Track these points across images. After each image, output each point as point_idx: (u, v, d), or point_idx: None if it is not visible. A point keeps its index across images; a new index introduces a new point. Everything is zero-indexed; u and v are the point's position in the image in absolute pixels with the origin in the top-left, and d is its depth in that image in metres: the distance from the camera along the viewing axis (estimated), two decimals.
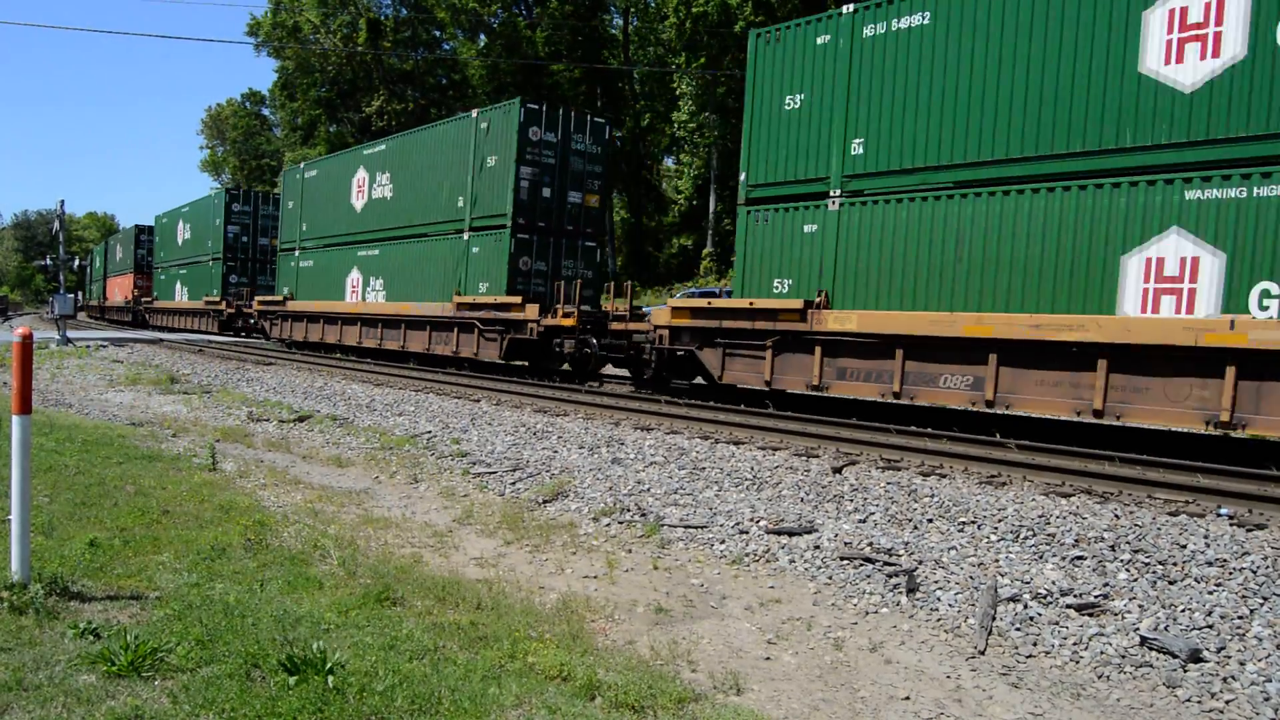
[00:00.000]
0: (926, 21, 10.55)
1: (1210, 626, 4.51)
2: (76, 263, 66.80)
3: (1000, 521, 6.27)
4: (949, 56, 10.34)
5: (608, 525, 6.61)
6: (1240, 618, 4.58)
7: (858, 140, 11.18)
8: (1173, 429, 9.79)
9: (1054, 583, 5.09)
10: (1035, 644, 4.46)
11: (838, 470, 8.04)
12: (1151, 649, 4.31)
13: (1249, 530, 6.11)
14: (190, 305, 34.90)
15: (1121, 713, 3.83)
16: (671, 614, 4.80)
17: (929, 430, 10.22)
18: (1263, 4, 8.18)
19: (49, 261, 45.49)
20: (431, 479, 8.21)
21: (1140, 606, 4.76)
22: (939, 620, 4.80)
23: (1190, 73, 8.66)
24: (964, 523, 6.30)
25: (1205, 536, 5.87)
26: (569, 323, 15.61)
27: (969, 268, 10.11)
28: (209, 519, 5.97)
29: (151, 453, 8.49)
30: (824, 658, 4.29)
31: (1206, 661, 4.20)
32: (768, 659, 4.25)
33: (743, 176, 12.57)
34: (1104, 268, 9.13)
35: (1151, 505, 6.87)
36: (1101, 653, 4.32)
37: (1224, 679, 4.05)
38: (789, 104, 11.95)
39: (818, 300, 11.42)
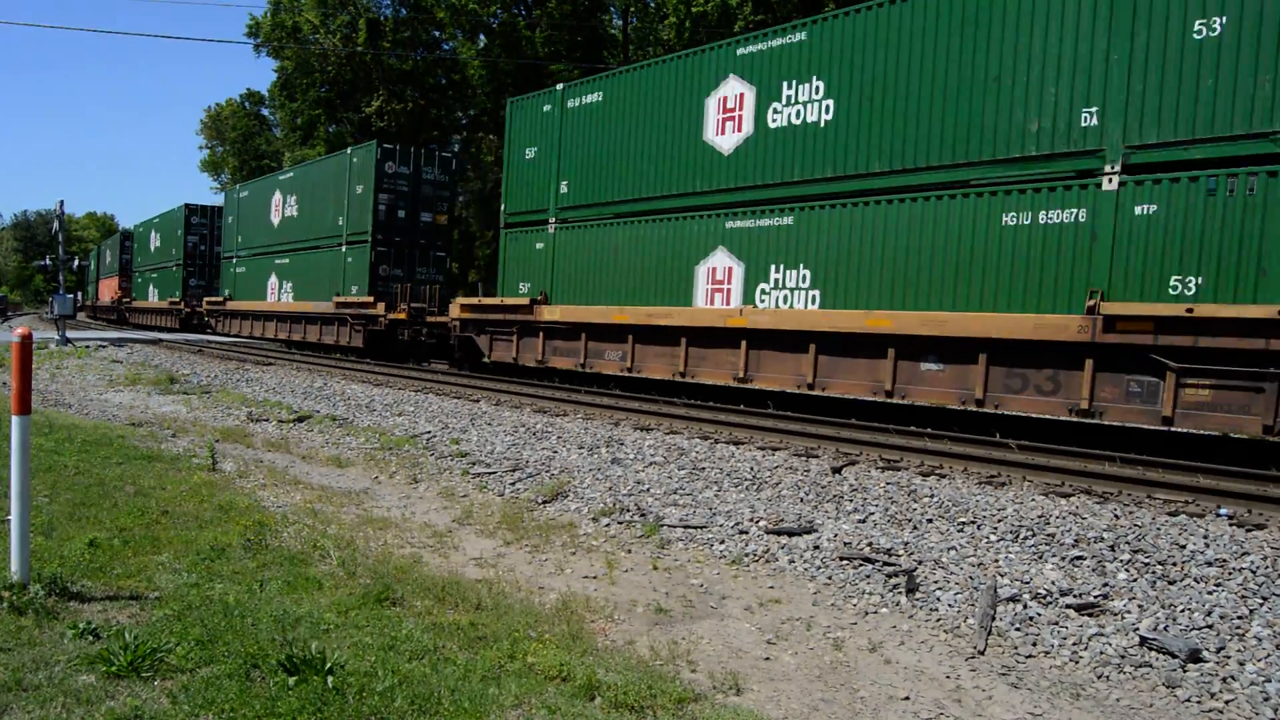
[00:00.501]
0: (600, 99, 14.86)
1: (1210, 626, 4.51)
2: (76, 263, 67.05)
3: (1000, 521, 6.27)
4: (612, 125, 14.63)
5: (607, 525, 6.61)
6: (1240, 618, 4.58)
7: (565, 182, 15.50)
8: (718, 384, 13.65)
9: (1054, 583, 5.09)
10: (1035, 644, 4.46)
11: (837, 470, 8.04)
12: (1151, 649, 4.31)
13: (1249, 530, 6.11)
14: (159, 305, 39.62)
15: (1121, 713, 3.83)
16: (671, 614, 4.80)
17: (929, 430, 10.23)
18: (761, 97, 12.31)
19: (48, 262, 46.63)
20: (431, 479, 8.21)
21: (1140, 606, 4.76)
22: (939, 620, 4.80)
23: (729, 141, 12.74)
24: (964, 523, 6.30)
25: (1205, 536, 5.87)
26: (402, 316, 20.62)
27: (621, 275, 14.37)
28: (208, 519, 5.97)
29: (151, 453, 8.49)
30: (823, 658, 4.29)
31: (1206, 661, 4.20)
32: (767, 659, 4.25)
33: (504, 207, 17.04)
34: (687, 274, 13.31)
35: (1151, 505, 6.87)
36: (1101, 653, 4.32)
37: (1223, 679, 4.05)
38: (528, 155, 16.41)
39: (540, 299, 15.74)
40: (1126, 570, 5.27)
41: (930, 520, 6.40)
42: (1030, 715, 3.75)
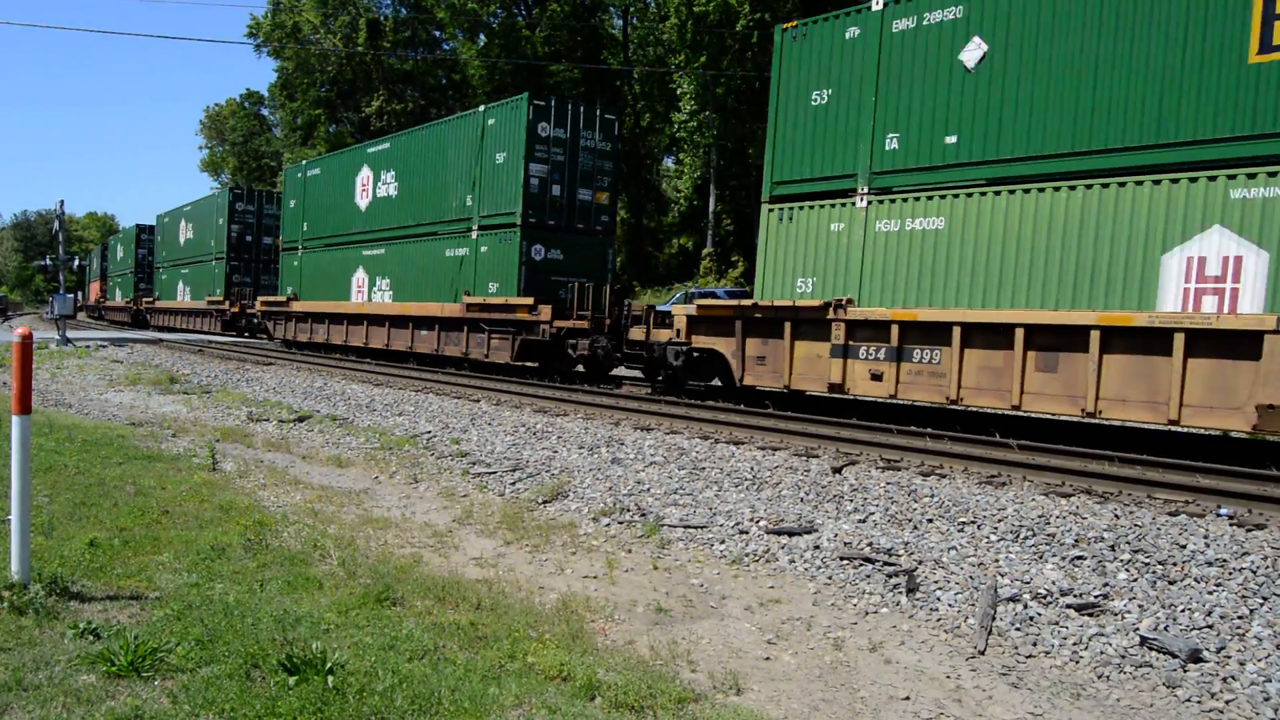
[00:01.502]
0: (319, 172, 24.67)
1: (1210, 626, 4.51)
2: (76, 263, 67.53)
3: (1000, 521, 6.27)
4: (323, 189, 24.21)
5: (607, 525, 6.61)
6: (1240, 618, 4.58)
7: (306, 223, 25.06)
8: (356, 345, 22.31)
9: (1054, 583, 5.09)
10: (1035, 644, 4.46)
11: (837, 470, 8.04)
12: (1151, 649, 4.31)
13: (1249, 530, 6.11)
14: (119, 304, 49.87)
15: (1121, 713, 3.83)
16: (671, 614, 4.80)
17: (929, 430, 10.23)
18: (375, 178, 21.29)
19: (49, 261, 48.43)
20: (431, 479, 8.20)
21: (1140, 606, 4.76)
22: (939, 620, 4.80)
23: (364, 203, 21.92)
24: (964, 523, 6.30)
25: (1205, 536, 5.87)
26: (237, 310, 32.18)
27: (325, 280, 23.70)
28: (209, 519, 5.97)
29: (151, 453, 8.49)
30: (824, 658, 4.29)
31: (1206, 661, 4.20)
32: (767, 659, 4.25)
33: (281, 237, 27.17)
34: (348, 281, 22.38)
35: (1151, 505, 6.87)
36: (1101, 653, 4.32)
37: (1224, 679, 4.05)
38: (291, 205, 26.13)
39: (293, 296, 25.44)
40: (1127, 570, 5.27)
41: (930, 520, 6.40)
42: (1030, 715, 3.75)
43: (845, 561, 5.60)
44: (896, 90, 10.79)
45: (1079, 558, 5.46)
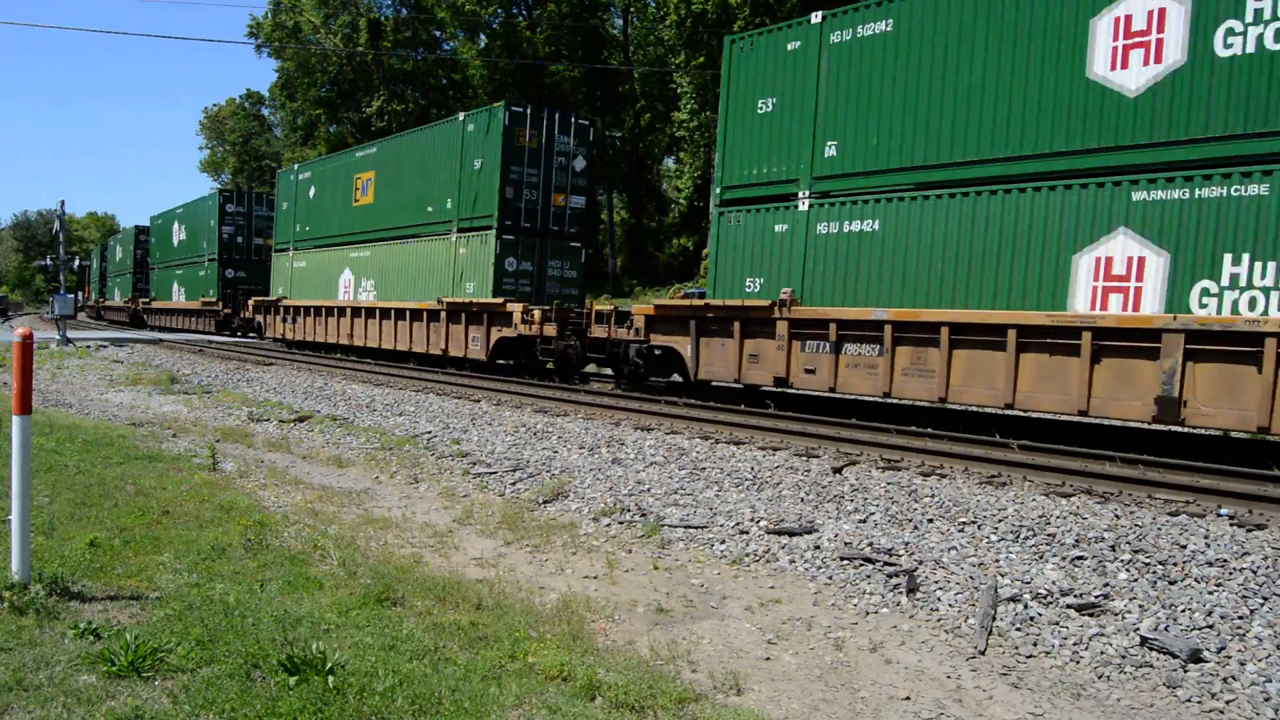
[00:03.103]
0: (161, 225, 42.29)
1: (1210, 626, 4.51)
2: (76, 263, 67.74)
3: (1000, 521, 6.27)
4: (161, 242, 42.04)
5: (608, 525, 6.61)
6: (1240, 618, 4.58)
7: (158, 250, 42.75)
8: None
9: (1054, 583, 5.09)
10: (1035, 644, 4.46)
11: (838, 470, 8.04)
12: (1152, 649, 4.31)
13: (1249, 530, 6.11)
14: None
15: (1122, 713, 3.83)
16: (672, 614, 4.80)
17: (929, 430, 10.24)
18: (172, 229, 40.00)
19: (49, 262, 48.56)
20: (431, 479, 8.21)
21: (1140, 606, 4.76)
22: (939, 620, 4.80)
23: (177, 241, 39.33)
24: (964, 523, 6.30)
25: (1205, 536, 5.87)
26: (136, 305, 45.30)
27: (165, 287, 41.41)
28: (209, 519, 5.97)
29: (152, 453, 8.49)
30: (824, 658, 4.29)
31: (1207, 661, 4.20)
32: (768, 659, 4.25)
33: (152, 257, 43.65)
34: (167, 288, 41.90)
35: (1151, 505, 6.87)
36: (1102, 653, 4.32)
37: (1224, 679, 4.05)
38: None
39: (154, 296, 42.12)
40: (1127, 570, 5.27)
41: (931, 520, 6.40)
42: (1031, 715, 3.75)
43: (845, 561, 5.60)
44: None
45: (1079, 558, 5.46)
